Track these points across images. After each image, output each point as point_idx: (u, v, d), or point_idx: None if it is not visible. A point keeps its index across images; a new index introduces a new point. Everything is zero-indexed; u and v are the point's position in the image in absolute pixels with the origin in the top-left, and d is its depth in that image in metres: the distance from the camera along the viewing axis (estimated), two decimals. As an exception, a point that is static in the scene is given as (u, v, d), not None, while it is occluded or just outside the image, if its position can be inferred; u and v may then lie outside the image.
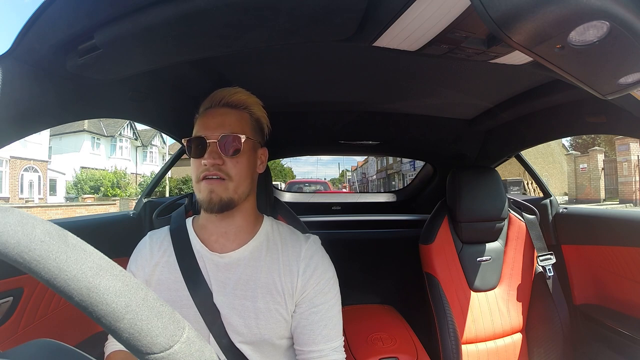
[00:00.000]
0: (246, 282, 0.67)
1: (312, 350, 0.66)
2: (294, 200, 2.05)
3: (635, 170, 12.51)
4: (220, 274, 0.68)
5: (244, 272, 0.68)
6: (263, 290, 0.67)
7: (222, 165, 0.65)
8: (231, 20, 0.52)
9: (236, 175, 0.66)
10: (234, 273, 0.68)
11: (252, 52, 0.83)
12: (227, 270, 0.68)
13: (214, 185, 0.65)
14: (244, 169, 0.68)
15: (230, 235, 0.70)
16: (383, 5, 0.53)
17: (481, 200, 1.28)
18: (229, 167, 0.66)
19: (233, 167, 0.66)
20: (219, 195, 0.65)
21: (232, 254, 0.69)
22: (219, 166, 0.65)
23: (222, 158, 0.66)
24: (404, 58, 0.72)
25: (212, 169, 0.65)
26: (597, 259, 1.22)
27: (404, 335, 1.16)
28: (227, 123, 0.68)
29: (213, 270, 0.68)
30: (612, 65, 0.44)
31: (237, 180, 0.67)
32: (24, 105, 0.57)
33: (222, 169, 0.65)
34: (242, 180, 0.68)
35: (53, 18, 0.51)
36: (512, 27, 0.37)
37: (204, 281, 0.67)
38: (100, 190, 16.68)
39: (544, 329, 1.23)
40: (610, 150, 16.67)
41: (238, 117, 0.70)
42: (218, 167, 0.65)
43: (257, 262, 0.69)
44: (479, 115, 1.35)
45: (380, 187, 28.17)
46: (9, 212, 0.24)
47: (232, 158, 0.66)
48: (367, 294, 1.61)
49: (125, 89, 0.79)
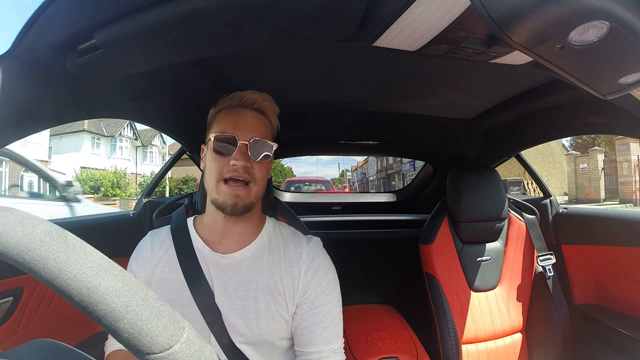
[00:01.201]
0: (248, 282, 0.67)
1: (312, 351, 0.66)
2: (294, 200, 2.05)
3: (635, 170, 12.52)
4: (222, 274, 0.68)
5: (245, 272, 0.68)
6: (264, 291, 0.67)
7: (250, 168, 0.66)
8: (231, 20, 0.52)
9: (260, 180, 0.68)
10: (235, 274, 0.68)
11: (252, 52, 0.83)
12: (229, 270, 0.68)
13: (238, 190, 0.65)
14: (266, 174, 0.70)
15: (234, 236, 0.70)
16: (383, 5, 0.53)
17: (481, 200, 1.28)
18: (256, 171, 0.67)
19: (259, 172, 0.67)
20: (243, 200, 0.65)
21: (234, 254, 0.69)
22: (248, 169, 0.65)
23: (251, 161, 0.66)
24: (404, 58, 0.72)
25: (241, 170, 0.65)
26: (597, 259, 1.22)
27: (404, 335, 1.16)
28: (257, 127, 0.69)
29: (215, 271, 0.68)
30: (612, 65, 0.44)
31: (260, 184, 0.68)
32: (24, 105, 0.57)
33: (250, 171, 0.66)
34: (263, 184, 0.69)
35: (53, 18, 0.51)
36: (512, 27, 0.37)
37: (205, 281, 0.67)
38: (100, 190, 16.72)
39: (544, 329, 1.23)
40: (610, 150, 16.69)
41: (265, 123, 0.72)
42: (247, 170, 0.65)
43: (259, 263, 0.69)
44: (479, 115, 1.35)
45: (380, 187, 28.19)
46: (9, 212, 0.24)
47: (260, 163, 0.67)
48: (367, 294, 1.61)
49: (125, 89, 0.79)
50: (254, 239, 0.71)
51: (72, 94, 0.67)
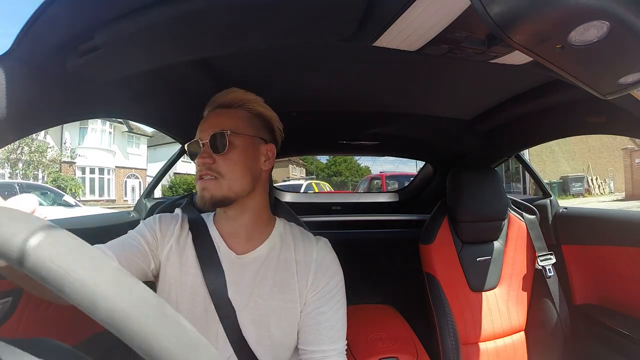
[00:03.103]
0: (260, 280, 0.68)
1: (315, 350, 0.66)
2: (294, 200, 2.04)
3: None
4: (235, 270, 0.68)
5: (258, 270, 0.68)
6: (275, 288, 0.67)
7: (212, 164, 0.66)
8: (231, 20, 0.52)
9: (228, 172, 0.66)
10: (249, 271, 0.68)
11: (252, 52, 0.83)
12: (242, 268, 0.69)
13: (206, 183, 0.66)
14: (237, 166, 0.67)
15: (242, 236, 0.71)
16: (383, 5, 0.53)
17: (481, 200, 1.28)
18: (220, 165, 0.66)
19: (224, 165, 0.66)
20: (210, 193, 0.65)
21: (247, 254, 0.70)
22: (209, 165, 0.66)
23: (213, 157, 0.66)
24: (404, 58, 0.72)
25: (203, 168, 0.66)
26: (597, 259, 1.22)
27: (404, 335, 1.16)
28: (218, 123, 0.68)
29: (228, 266, 0.68)
30: (612, 65, 0.44)
31: (230, 177, 0.66)
32: (24, 105, 0.57)
33: (212, 167, 0.66)
34: (238, 177, 0.67)
35: (53, 18, 0.51)
36: (512, 27, 0.37)
37: (222, 274, 0.67)
38: (192, 191, 17.87)
39: (544, 329, 1.23)
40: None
41: (231, 115, 0.70)
42: (208, 166, 0.66)
43: (270, 262, 0.69)
44: (479, 115, 1.35)
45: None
46: (102, 269, 0.23)
47: (222, 155, 0.66)
48: (367, 294, 1.61)
49: (125, 89, 0.79)
50: (265, 238, 0.72)
51: (72, 94, 0.67)
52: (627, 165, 13.78)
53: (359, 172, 24.69)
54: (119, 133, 18.70)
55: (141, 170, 19.50)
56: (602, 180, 15.70)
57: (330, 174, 23.58)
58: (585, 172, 12.90)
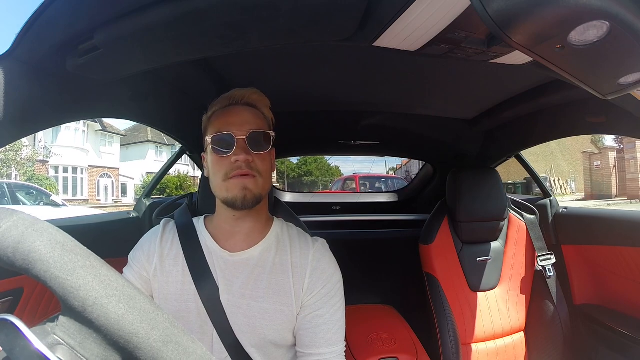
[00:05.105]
0: (254, 282, 0.67)
1: (313, 353, 0.65)
2: (294, 200, 2.04)
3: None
4: (228, 272, 0.68)
5: (252, 272, 0.68)
6: (270, 291, 0.66)
7: (252, 162, 0.65)
8: (231, 20, 0.52)
9: (264, 171, 0.67)
10: (242, 272, 0.67)
11: (252, 52, 0.83)
12: (235, 268, 0.68)
13: (246, 181, 0.64)
14: (269, 166, 0.68)
15: (242, 235, 0.70)
16: (383, 5, 0.53)
17: (481, 200, 1.28)
18: (258, 164, 0.66)
19: (261, 164, 0.66)
20: (252, 192, 0.64)
21: (242, 253, 0.69)
22: (250, 163, 0.65)
23: (252, 155, 0.65)
24: (404, 58, 0.71)
25: (244, 165, 0.64)
26: (597, 259, 1.22)
27: (404, 335, 1.16)
28: (252, 120, 0.68)
29: (221, 268, 0.68)
30: (612, 65, 0.44)
31: (265, 176, 0.67)
32: (24, 105, 0.57)
33: (252, 165, 0.65)
34: (268, 176, 0.68)
35: (53, 18, 0.51)
36: (512, 27, 0.37)
37: (212, 277, 0.66)
38: (165, 191, 17.80)
39: (544, 329, 1.23)
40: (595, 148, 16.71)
41: (259, 115, 0.71)
42: (249, 164, 0.64)
43: (265, 262, 0.69)
44: (479, 115, 1.35)
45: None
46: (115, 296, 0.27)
47: (260, 154, 0.66)
48: (367, 294, 1.61)
49: (125, 89, 0.79)
50: (262, 238, 0.71)
51: (72, 94, 0.67)
52: (586, 168, 15.16)
53: (329, 172, 24.78)
54: (92, 131, 18.34)
55: (114, 169, 19.13)
56: (564, 181, 17.35)
57: (301, 174, 23.52)
58: (548, 174, 13.50)
